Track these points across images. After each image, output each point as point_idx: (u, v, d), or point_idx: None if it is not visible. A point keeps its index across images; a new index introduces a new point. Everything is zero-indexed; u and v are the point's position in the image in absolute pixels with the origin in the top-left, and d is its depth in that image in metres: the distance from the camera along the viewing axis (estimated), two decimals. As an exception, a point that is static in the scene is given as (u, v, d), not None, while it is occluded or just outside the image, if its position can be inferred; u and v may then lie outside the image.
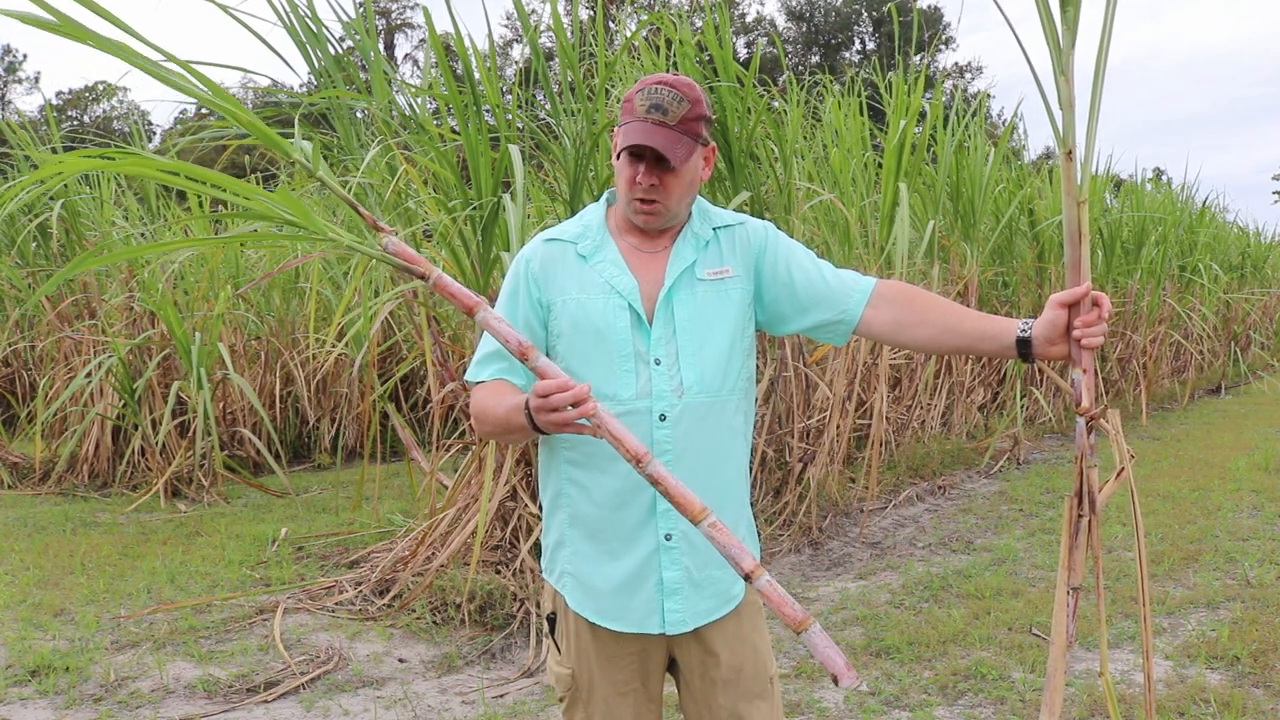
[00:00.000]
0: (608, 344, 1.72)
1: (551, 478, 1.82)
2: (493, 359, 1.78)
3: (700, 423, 1.74)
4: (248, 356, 8.25)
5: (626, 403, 1.71)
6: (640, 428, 1.70)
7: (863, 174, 6.78)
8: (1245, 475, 6.97)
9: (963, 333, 1.70)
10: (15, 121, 7.81)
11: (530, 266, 1.79)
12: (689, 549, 1.75)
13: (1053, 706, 1.58)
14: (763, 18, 42.33)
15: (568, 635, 1.83)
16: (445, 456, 4.93)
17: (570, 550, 1.80)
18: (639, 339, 1.73)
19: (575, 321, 1.74)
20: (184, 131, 7.08)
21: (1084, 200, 1.52)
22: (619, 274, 1.76)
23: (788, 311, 1.82)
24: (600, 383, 1.72)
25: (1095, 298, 1.55)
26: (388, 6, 40.21)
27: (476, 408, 1.77)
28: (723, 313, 1.77)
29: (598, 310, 1.73)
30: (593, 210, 1.86)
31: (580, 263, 1.78)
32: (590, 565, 1.78)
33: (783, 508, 5.53)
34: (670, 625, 1.76)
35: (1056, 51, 1.51)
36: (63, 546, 5.38)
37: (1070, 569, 1.57)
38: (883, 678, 3.54)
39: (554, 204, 5.81)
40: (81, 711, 3.33)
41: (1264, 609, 4.12)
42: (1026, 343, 1.62)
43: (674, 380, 1.72)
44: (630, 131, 1.70)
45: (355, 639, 3.94)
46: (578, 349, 1.74)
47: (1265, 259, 15.28)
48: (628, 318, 1.73)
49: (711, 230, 1.82)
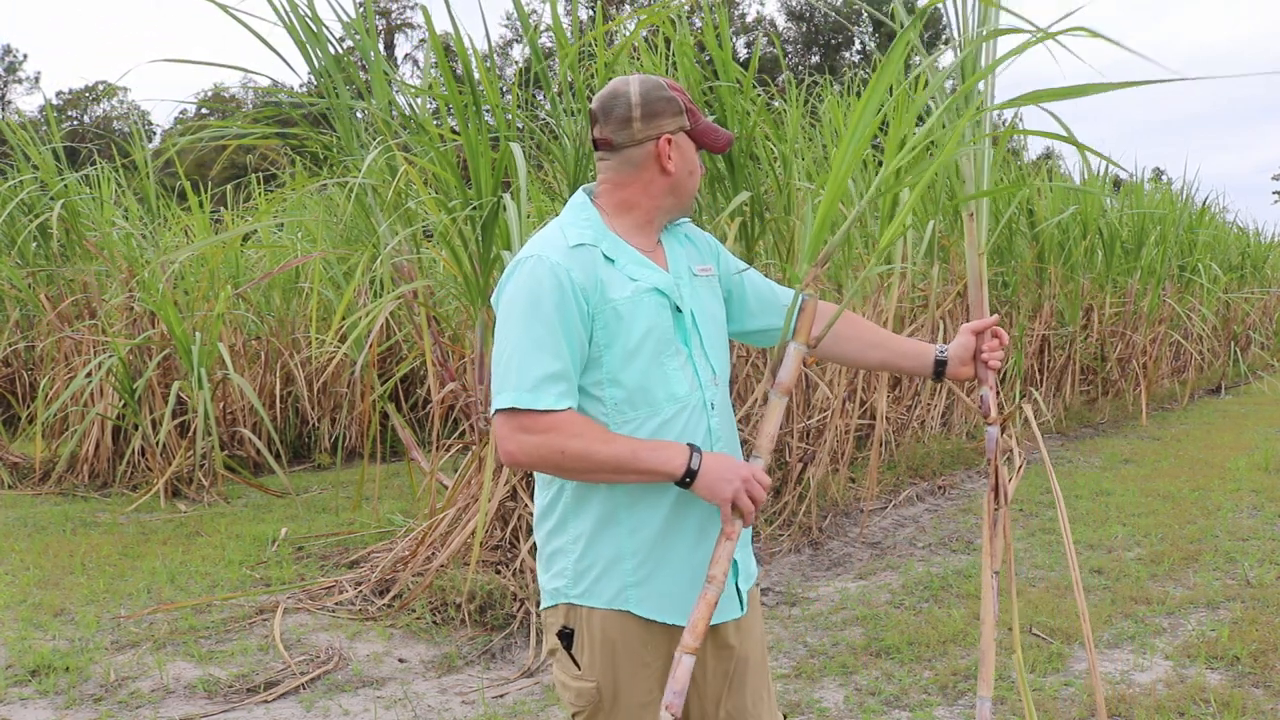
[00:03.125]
0: (659, 343, 1.72)
1: (591, 504, 1.73)
2: (552, 381, 1.64)
3: (727, 407, 1.85)
4: (248, 356, 8.26)
5: (683, 399, 1.74)
6: (699, 420, 1.75)
7: (862, 174, 6.78)
8: (1245, 475, 6.97)
9: (886, 348, 1.97)
10: (15, 121, 7.80)
11: (573, 277, 1.66)
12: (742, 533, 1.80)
13: (987, 679, 1.84)
14: (763, 18, 42.35)
15: (594, 648, 1.76)
16: (445, 456, 4.93)
17: (635, 561, 1.73)
18: (679, 335, 1.77)
19: (628, 326, 1.69)
20: (184, 131, 7.09)
21: (982, 253, 1.92)
22: (651, 272, 1.75)
23: (735, 313, 1.96)
24: (657, 384, 1.71)
25: (995, 331, 1.90)
26: (388, 6, 40.21)
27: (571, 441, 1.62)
28: (718, 305, 1.89)
29: (644, 311, 1.71)
30: (586, 210, 1.80)
31: (610, 266, 1.72)
32: (665, 568, 1.74)
33: (783, 508, 5.53)
34: (744, 606, 1.84)
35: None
36: (63, 546, 5.38)
37: (991, 555, 1.88)
38: (883, 678, 3.55)
39: (554, 204, 5.81)
40: (81, 711, 3.33)
41: (1264, 609, 4.12)
42: (943, 363, 1.93)
43: (706, 370, 1.79)
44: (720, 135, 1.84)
45: (355, 639, 3.94)
46: (631, 354, 1.69)
47: (1265, 259, 15.28)
48: (669, 315, 1.74)
49: (680, 231, 1.91)
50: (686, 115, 1.77)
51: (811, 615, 4.27)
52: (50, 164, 7.54)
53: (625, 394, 1.69)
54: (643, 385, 1.70)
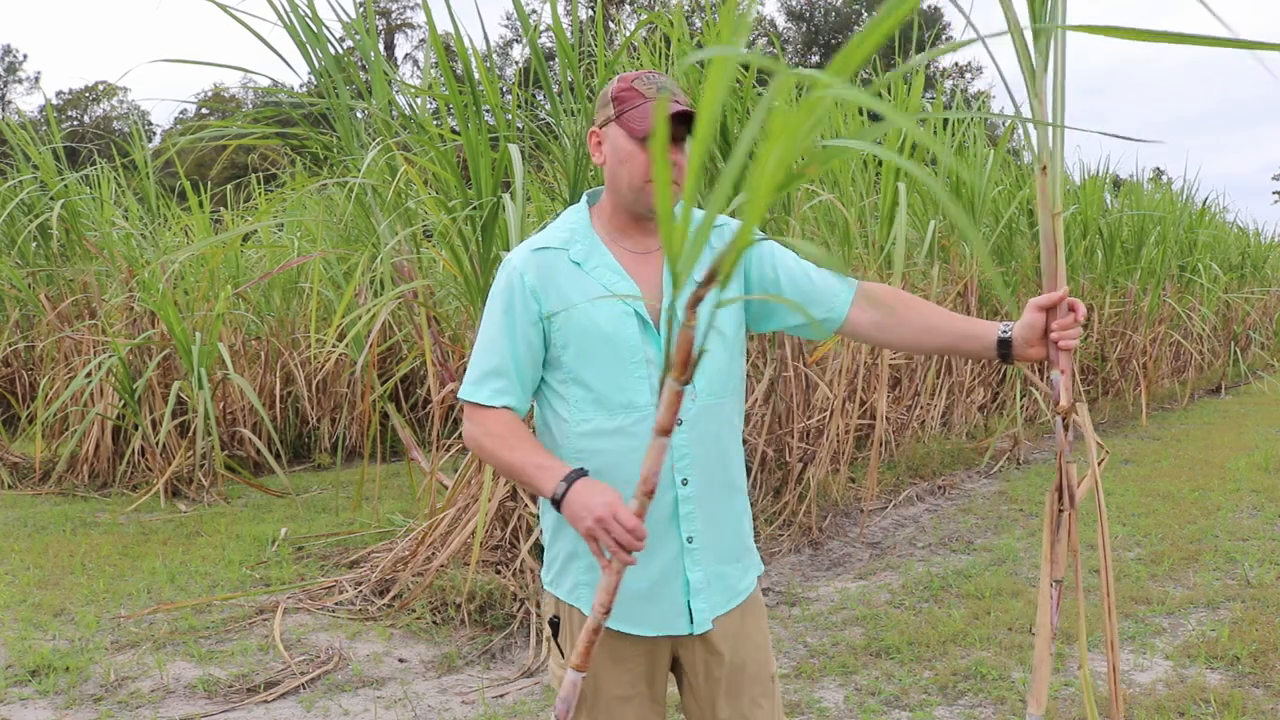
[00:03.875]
0: (618, 351, 1.71)
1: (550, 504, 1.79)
2: (491, 377, 1.73)
3: (711, 424, 1.75)
4: (248, 356, 8.26)
5: (643, 409, 1.70)
6: None
7: (862, 174, 6.79)
8: (1245, 475, 6.97)
9: (945, 332, 1.76)
10: (15, 121, 7.80)
11: (525, 280, 1.73)
12: (706, 548, 1.76)
13: (1039, 697, 1.65)
14: (763, 18, 42.33)
15: (572, 639, 1.82)
16: (445, 456, 4.93)
17: (586, 562, 1.76)
18: (649, 345, 1.72)
19: (583, 330, 1.72)
20: (184, 131, 7.08)
21: (1058, 213, 1.59)
22: (618, 280, 1.75)
23: (773, 309, 1.84)
24: (615, 390, 1.71)
25: (1071, 303, 1.62)
26: (388, 6, 40.21)
27: (487, 435, 1.70)
28: (723, 314, 1.77)
29: (604, 318, 1.71)
30: (575, 214, 1.82)
31: (575, 270, 1.75)
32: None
33: (783, 508, 5.52)
34: (698, 625, 1.77)
35: (1030, 79, 1.59)
36: (63, 546, 5.38)
37: (1053, 562, 1.64)
38: (883, 678, 3.54)
39: (554, 204, 5.81)
40: (81, 711, 3.33)
41: (1264, 609, 4.12)
42: (1007, 344, 1.68)
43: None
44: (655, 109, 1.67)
45: (355, 639, 3.94)
46: (588, 357, 1.72)
47: (1265, 259, 15.27)
48: (636, 324, 1.72)
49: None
50: (614, 105, 1.74)
51: (811, 615, 4.27)
52: (50, 164, 7.54)
53: (587, 394, 1.72)
54: (602, 389, 1.71)
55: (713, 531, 1.77)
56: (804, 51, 42.03)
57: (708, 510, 1.76)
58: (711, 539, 1.77)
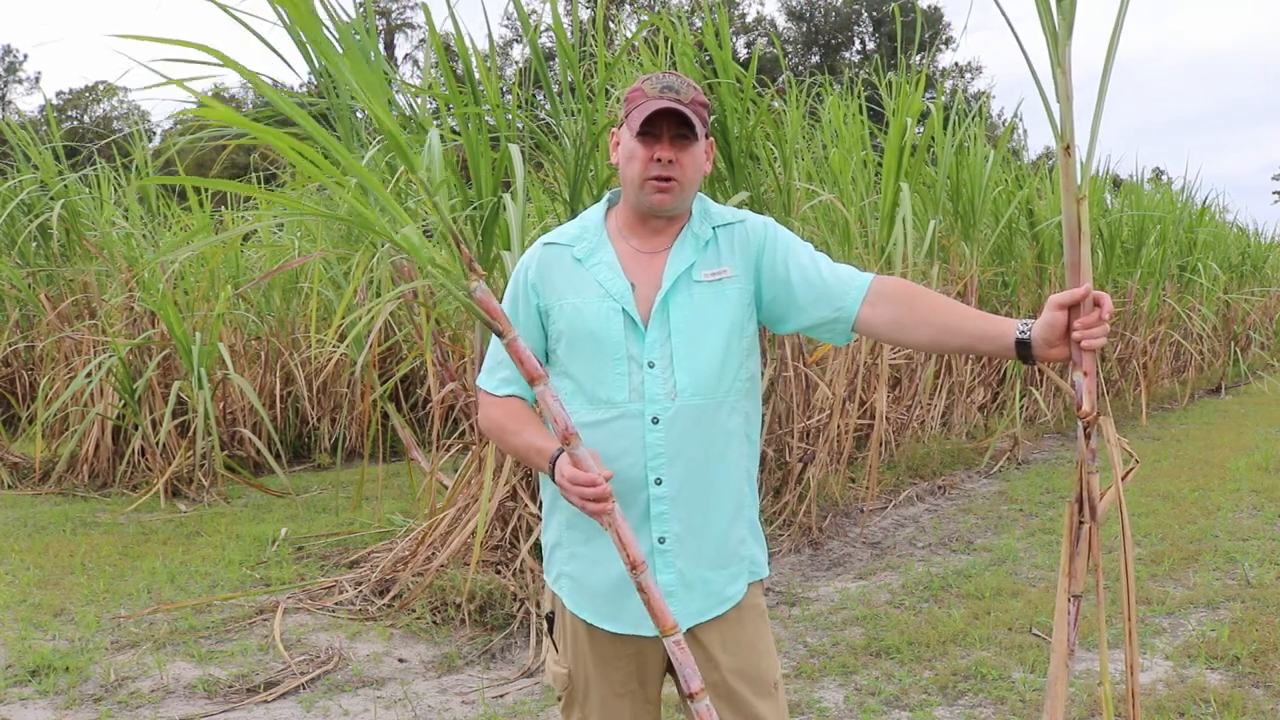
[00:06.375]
0: (602, 347, 1.74)
1: (547, 488, 1.84)
2: (499, 367, 1.83)
3: (694, 425, 1.73)
4: (248, 356, 8.26)
5: (620, 405, 1.73)
6: (633, 431, 1.72)
7: (862, 174, 6.78)
8: (1245, 475, 6.97)
9: (963, 333, 1.67)
10: (15, 121, 7.80)
11: (528, 274, 1.81)
12: (682, 551, 1.75)
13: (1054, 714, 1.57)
14: (763, 18, 42.33)
15: (565, 635, 1.85)
16: (445, 456, 4.93)
17: (567, 552, 1.82)
18: (633, 342, 1.73)
19: (571, 325, 1.76)
20: (184, 131, 7.08)
21: (1083, 197, 1.45)
22: (613, 277, 1.76)
23: (786, 310, 1.80)
24: (594, 386, 1.74)
25: (1096, 298, 1.49)
26: (388, 6, 40.21)
27: (491, 424, 1.83)
28: (720, 314, 1.76)
29: (591, 314, 1.75)
30: (593, 212, 1.88)
31: (576, 266, 1.79)
32: (587, 567, 1.79)
33: (783, 508, 5.53)
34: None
35: (1053, 44, 1.47)
36: (63, 546, 5.38)
37: (1071, 576, 1.53)
38: (883, 678, 3.54)
39: (554, 204, 5.81)
40: (81, 711, 3.33)
41: (1264, 609, 4.12)
42: (1026, 344, 1.58)
43: (668, 384, 1.72)
44: (648, 107, 1.72)
45: (355, 639, 3.94)
46: (574, 352, 1.77)
47: (1265, 259, 15.27)
48: (621, 321, 1.74)
49: (711, 230, 1.81)
50: (625, 105, 1.80)
51: (811, 615, 4.27)
52: (50, 164, 7.54)
53: (574, 387, 1.77)
54: (586, 383, 1.76)
55: (691, 535, 1.75)
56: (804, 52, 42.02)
57: (684, 513, 1.74)
58: (690, 543, 1.75)
